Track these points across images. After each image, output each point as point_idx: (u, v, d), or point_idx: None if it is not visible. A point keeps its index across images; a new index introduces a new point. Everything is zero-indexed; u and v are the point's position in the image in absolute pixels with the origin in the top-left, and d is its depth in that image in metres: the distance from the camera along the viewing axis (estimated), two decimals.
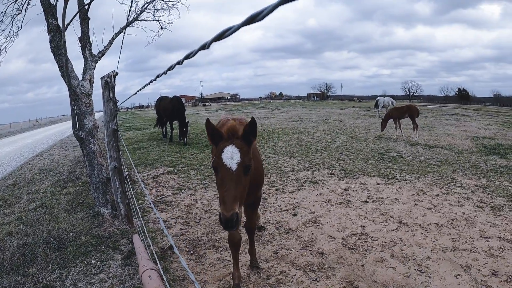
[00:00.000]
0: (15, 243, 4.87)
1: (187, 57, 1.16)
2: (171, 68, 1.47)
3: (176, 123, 15.03)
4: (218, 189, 2.73)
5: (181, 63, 1.30)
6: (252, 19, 0.73)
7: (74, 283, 3.91)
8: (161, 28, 8.13)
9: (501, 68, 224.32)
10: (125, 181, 5.54)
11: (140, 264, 2.99)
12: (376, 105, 24.19)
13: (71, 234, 5.17)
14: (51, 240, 4.88)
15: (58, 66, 5.66)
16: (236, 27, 0.82)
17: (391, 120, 15.89)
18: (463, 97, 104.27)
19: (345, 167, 9.52)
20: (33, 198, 7.29)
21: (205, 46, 0.99)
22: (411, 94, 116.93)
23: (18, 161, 13.23)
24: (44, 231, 5.23)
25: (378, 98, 26.03)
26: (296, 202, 6.67)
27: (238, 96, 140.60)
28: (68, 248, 4.71)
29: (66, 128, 33.92)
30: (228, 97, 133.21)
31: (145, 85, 2.34)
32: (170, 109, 14.64)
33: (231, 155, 2.64)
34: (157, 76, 1.69)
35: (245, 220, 4.17)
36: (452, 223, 5.46)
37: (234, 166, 2.62)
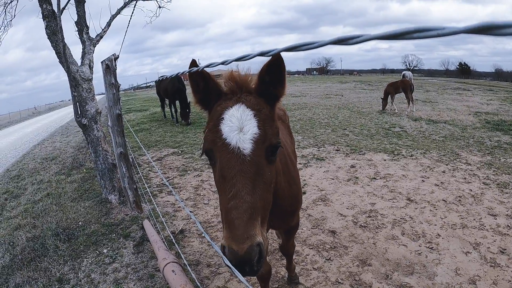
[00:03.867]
0: (24, 237, 4.83)
1: (239, 59, 1.10)
2: (210, 65, 1.44)
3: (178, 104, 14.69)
4: (219, 193, 1.56)
5: (226, 64, 1.25)
6: (341, 41, 0.67)
7: (88, 275, 3.90)
8: (159, 7, 7.97)
9: (499, 42, 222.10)
10: (131, 165, 5.52)
11: (158, 256, 2.93)
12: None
13: (80, 223, 5.14)
14: (60, 231, 4.83)
15: (56, 53, 5.48)
16: (320, 44, 0.77)
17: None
18: (464, 71, 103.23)
19: (350, 143, 9.52)
20: (38, 189, 7.22)
21: (265, 54, 0.93)
22: (411, 68, 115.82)
23: (20, 151, 13.13)
24: (53, 222, 5.17)
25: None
26: (304, 180, 6.67)
27: None
28: (78, 239, 4.68)
29: (65, 114, 33.71)
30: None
31: (173, 75, 2.24)
32: (171, 89, 14.32)
33: (240, 124, 1.50)
34: (190, 70, 1.66)
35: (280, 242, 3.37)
36: (459, 200, 5.49)
37: (246, 146, 1.46)
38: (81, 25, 5.94)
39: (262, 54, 0.94)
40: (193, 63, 1.65)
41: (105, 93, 5.12)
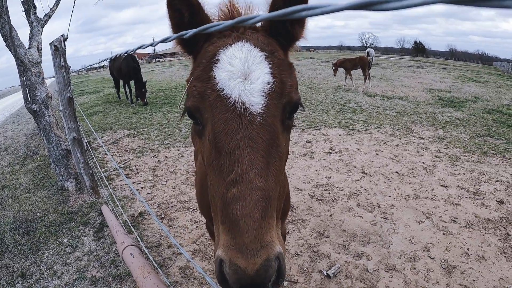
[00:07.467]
0: None
1: (163, 41, 1.05)
2: (141, 47, 1.37)
3: (132, 84, 14.10)
4: (210, 172, 1.08)
5: (154, 45, 1.19)
6: (240, 22, 0.70)
7: (50, 266, 3.79)
8: None
9: (452, 23, 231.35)
10: (86, 150, 5.32)
11: (117, 240, 2.89)
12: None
13: (38, 214, 4.93)
14: (18, 224, 4.63)
15: (2, 36, 5.09)
16: (225, 26, 0.76)
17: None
18: (419, 49, 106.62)
19: (306, 119, 9.65)
20: None
21: (183, 35, 0.89)
22: (367, 45, 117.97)
23: None
24: (10, 216, 4.93)
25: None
26: None
27: None
28: (37, 230, 4.51)
29: (16, 100, 31.68)
30: (182, 52, 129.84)
31: (110, 57, 2.07)
32: (125, 69, 13.68)
33: (244, 69, 1.05)
34: (139, 47, 1.55)
35: None
36: (412, 172, 5.72)
37: (256, 100, 1.02)
38: (28, 4, 5.55)
39: (181, 36, 0.90)
40: None
41: (55, 76, 4.87)
